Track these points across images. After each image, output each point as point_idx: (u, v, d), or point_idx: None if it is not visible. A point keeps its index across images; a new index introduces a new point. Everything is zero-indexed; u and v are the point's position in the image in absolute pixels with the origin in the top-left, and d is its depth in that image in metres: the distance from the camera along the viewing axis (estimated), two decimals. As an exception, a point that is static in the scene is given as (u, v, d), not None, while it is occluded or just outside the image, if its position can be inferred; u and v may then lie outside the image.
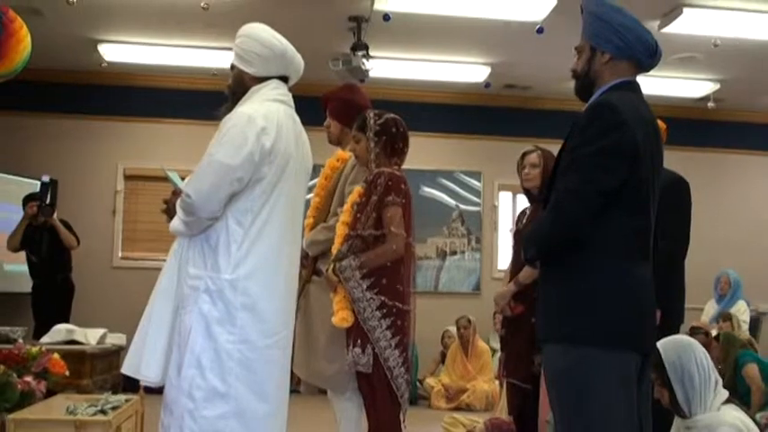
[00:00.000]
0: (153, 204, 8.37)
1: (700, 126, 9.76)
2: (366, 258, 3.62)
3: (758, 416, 5.21)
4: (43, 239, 7.37)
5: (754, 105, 9.80)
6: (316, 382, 4.17)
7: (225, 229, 2.85)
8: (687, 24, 6.87)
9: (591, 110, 2.60)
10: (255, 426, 2.85)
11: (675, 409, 3.28)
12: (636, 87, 2.69)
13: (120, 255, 8.98)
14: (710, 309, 8.36)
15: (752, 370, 6.42)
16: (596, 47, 2.67)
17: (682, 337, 3.43)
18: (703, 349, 3.33)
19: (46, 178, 7.30)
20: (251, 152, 2.80)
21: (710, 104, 8.99)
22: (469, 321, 8.30)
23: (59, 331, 5.60)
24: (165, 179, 3.06)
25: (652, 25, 6.84)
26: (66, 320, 6.76)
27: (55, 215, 7.41)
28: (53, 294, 7.48)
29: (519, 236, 4.38)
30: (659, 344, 3.29)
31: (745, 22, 6.87)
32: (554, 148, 4.38)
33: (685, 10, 6.64)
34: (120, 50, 8.07)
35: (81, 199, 8.74)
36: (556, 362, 2.57)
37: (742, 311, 7.93)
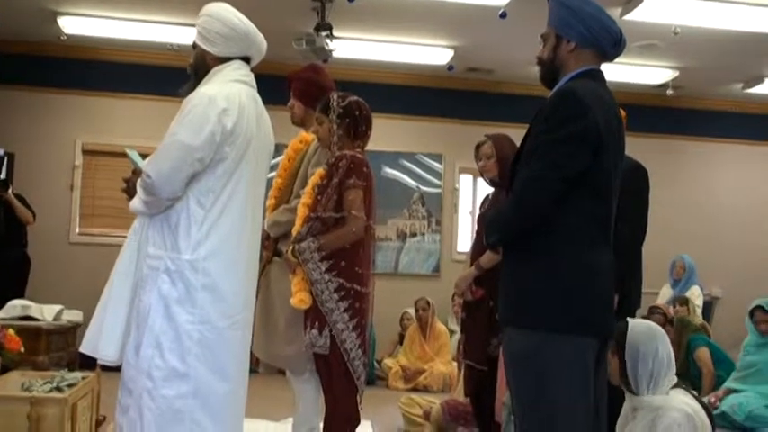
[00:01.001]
0: (112, 180, 8.30)
1: (658, 113, 9.88)
2: (325, 240, 3.62)
3: (705, 399, 5.33)
4: None
5: (711, 93, 9.93)
6: (274, 362, 4.19)
7: (186, 209, 2.84)
8: (648, 12, 6.93)
9: (555, 97, 2.63)
10: (215, 405, 2.86)
11: (624, 381, 3.34)
12: (600, 76, 2.73)
13: (77, 231, 8.87)
14: (665, 293, 8.49)
15: (703, 353, 6.57)
16: (562, 35, 2.70)
17: (655, 327, 3.46)
18: (669, 344, 3.38)
19: (0, 152, 7.19)
20: (212, 132, 2.79)
21: (669, 92, 9.12)
22: (428, 303, 8.34)
23: (15, 307, 5.55)
24: (125, 155, 3.04)
25: (614, 12, 6.89)
26: (22, 296, 6.70)
27: (10, 190, 7.31)
28: (8, 270, 7.38)
29: (482, 219, 4.41)
30: (631, 321, 3.36)
31: (705, 10, 6.95)
32: (515, 131, 4.42)
33: (647, -2, 6.71)
34: (80, 23, 7.92)
35: (38, 173, 8.61)
36: (515, 345, 2.60)
37: (696, 296, 8.07)
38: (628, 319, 3.46)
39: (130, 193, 2.92)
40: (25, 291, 7.30)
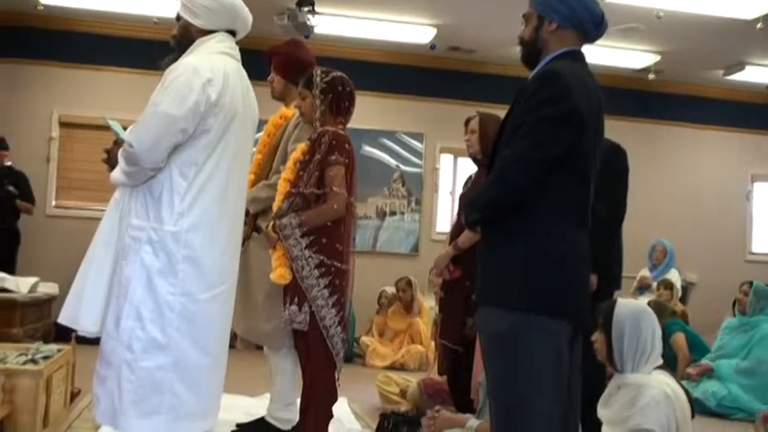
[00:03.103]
0: (89, 153, 8.23)
1: (640, 97, 9.90)
2: (306, 217, 3.61)
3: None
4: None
5: (693, 79, 9.96)
6: (252, 338, 4.18)
7: (169, 180, 2.81)
8: (631, -5, 6.94)
9: (538, 78, 2.62)
10: (194, 378, 2.85)
11: (609, 358, 3.36)
12: (581, 56, 2.72)
13: (53, 203, 8.79)
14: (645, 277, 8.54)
15: (680, 339, 6.65)
16: (544, 15, 2.69)
17: (642, 307, 3.48)
18: (656, 324, 3.38)
19: None
20: (196, 102, 2.76)
21: (651, 76, 9.12)
22: (409, 283, 8.28)
23: (-10, 279, 5.50)
24: (104, 127, 3.01)
25: (597, -6, 6.88)
26: (13, 271, 6.73)
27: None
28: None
29: (464, 199, 4.41)
30: (620, 300, 3.38)
31: (688, -5, 6.98)
32: (496, 112, 4.40)
33: (630, -20, 6.71)
34: (57, -7, 7.83)
35: (14, 145, 8.46)
36: (490, 326, 2.60)
37: (674, 280, 8.12)
38: (618, 298, 3.47)
39: (111, 163, 2.89)
40: (15, 264, 7.38)
